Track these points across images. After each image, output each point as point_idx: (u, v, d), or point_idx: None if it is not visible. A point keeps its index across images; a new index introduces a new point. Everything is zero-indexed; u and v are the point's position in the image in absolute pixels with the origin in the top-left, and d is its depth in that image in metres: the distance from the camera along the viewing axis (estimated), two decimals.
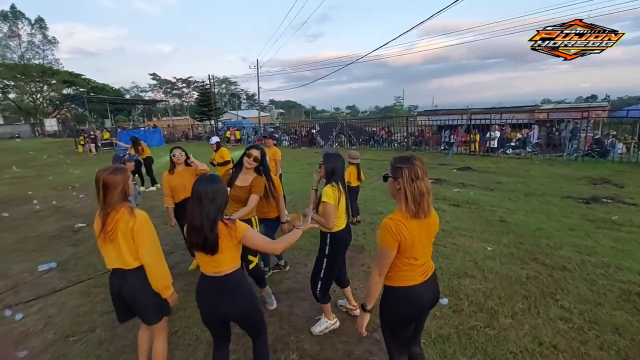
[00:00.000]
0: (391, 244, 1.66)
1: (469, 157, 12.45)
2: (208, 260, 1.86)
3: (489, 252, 4.21)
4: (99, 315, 3.31)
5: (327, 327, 2.87)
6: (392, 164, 1.74)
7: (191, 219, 1.82)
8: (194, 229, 1.81)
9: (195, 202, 1.81)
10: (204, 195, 1.80)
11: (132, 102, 42.04)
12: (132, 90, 66.54)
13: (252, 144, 19.01)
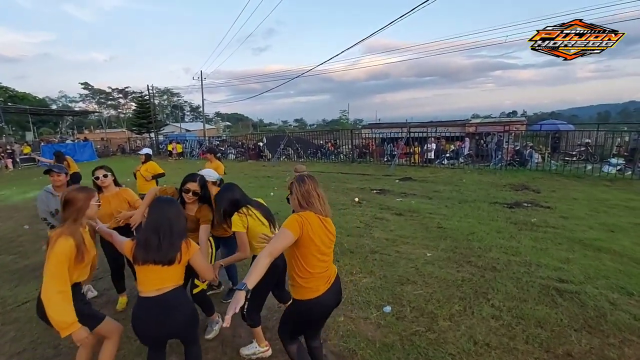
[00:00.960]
0: (293, 227, 1.80)
1: (410, 168, 13.21)
2: (154, 275, 1.89)
3: (429, 257, 4.43)
4: (7, 358, 2.84)
5: (256, 353, 2.70)
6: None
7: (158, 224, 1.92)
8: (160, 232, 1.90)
9: (158, 218, 1.95)
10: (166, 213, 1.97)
11: (59, 114, 38.00)
12: (60, 100, 60.40)
13: (196, 157, 17.82)
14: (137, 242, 1.92)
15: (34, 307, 3.61)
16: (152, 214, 2.00)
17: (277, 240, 1.78)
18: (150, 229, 1.93)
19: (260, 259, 1.68)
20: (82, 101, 59.12)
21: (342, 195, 8.54)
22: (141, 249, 1.89)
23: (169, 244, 1.90)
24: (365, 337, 2.88)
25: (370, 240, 5.10)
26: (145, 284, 1.91)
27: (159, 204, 2.04)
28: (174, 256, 1.91)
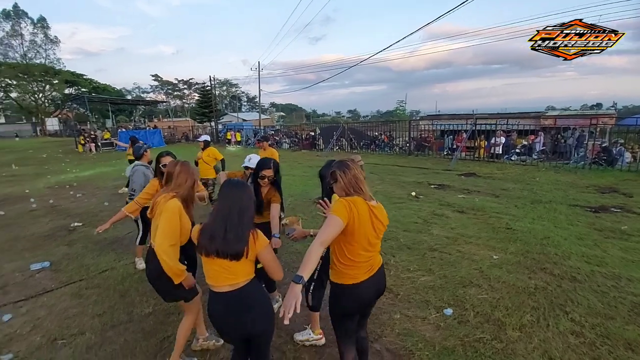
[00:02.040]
0: (342, 214, 1.69)
1: (473, 163, 12.33)
2: (223, 270, 1.77)
3: (495, 260, 4.07)
4: (90, 318, 3.18)
5: (309, 340, 2.71)
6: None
7: (227, 213, 1.78)
8: (228, 223, 1.75)
9: (226, 207, 1.80)
10: (238, 200, 1.81)
11: (133, 103, 41.96)
12: (134, 91, 66.61)
13: (252, 145, 18.49)
14: (202, 229, 1.79)
15: (113, 275, 4.07)
16: (222, 199, 1.83)
17: (327, 229, 1.66)
18: (219, 217, 1.78)
19: (313, 249, 1.59)
20: (153, 92, 64.59)
21: (398, 188, 8.24)
22: (206, 238, 1.76)
23: (236, 235, 1.73)
24: (423, 337, 2.72)
25: (429, 237, 4.83)
26: (212, 277, 1.80)
27: (230, 189, 1.87)
28: (240, 250, 1.73)
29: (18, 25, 43.00)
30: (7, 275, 4.14)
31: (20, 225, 6.18)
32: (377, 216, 1.83)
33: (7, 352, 2.72)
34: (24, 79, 42.50)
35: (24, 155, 19.92)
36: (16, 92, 45.02)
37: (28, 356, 2.69)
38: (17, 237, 5.54)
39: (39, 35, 44.55)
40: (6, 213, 7.05)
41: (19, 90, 44.41)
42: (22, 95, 44.95)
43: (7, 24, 42.54)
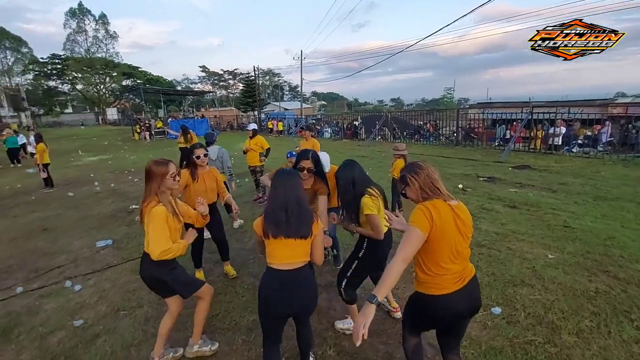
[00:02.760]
0: (422, 224, 1.57)
1: (528, 155, 11.46)
2: (286, 248, 1.85)
3: (551, 259, 3.79)
4: (147, 293, 3.44)
5: (350, 329, 2.72)
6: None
7: (285, 200, 1.86)
8: (288, 209, 1.84)
9: (289, 188, 1.89)
10: (292, 186, 1.90)
11: (183, 93, 44.22)
12: (183, 82, 70.05)
13: (293, 134, 18.65)
14: (265, 218, 1.87)
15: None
16: (277, 188, 1.91)
17: (407, 244, 1.54)
18: (278, 205, 1.86)
19: (394, 268, 1.50)
20: (200, 83, 67.50)
21: (443, 180, 7.81)
22: (271, 225, 1.83)
23: (298, 219, 1.84)
24: (468, 335, 2.62)
25: (477, 232, 4.61)
26: (275, 256, 1.87)
27: (282, 178, 1.94)
28: (306, 231, 1.85)
29: (82, 23, 46.89)
30: (77, 250, 4.61)
31: (88, 206, 6.84)
32: (461, 217, 1.66)
33: (78, 318, 3.05)
34: (87, 72, 46.55)
35: (89, 142, 21.90)
36: (81, 84, 49.52)
37: (96, 323, 2.99)
38: (85, 216, 6.15)
39: (100, 31, 48.43)
40: (75, 195, 7.83)
41: (83, 83, 48.82)
42: (86, 87, 49.34)
43: (73, 22, 46.53)
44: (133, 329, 2.88)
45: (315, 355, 2.48)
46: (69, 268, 4.10)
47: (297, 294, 1.89)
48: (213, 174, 3.51)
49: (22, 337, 2.84)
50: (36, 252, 4.61)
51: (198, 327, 2.50)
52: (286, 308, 1.90)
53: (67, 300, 3.38)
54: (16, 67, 45.13)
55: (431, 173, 1.72)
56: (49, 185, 8.47)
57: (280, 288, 1.86)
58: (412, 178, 1.72)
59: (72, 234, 5.25)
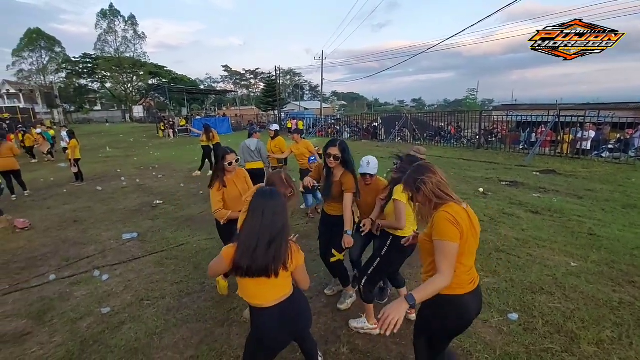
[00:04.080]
0: (453, 236, 1.54)
1: (554, 159, 11.08)
2: (270, 286, 1.66)
3: (573, 268, 3.69)
4: (169, 285, 3.61)
5: (364, 328, 2.74)
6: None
7: (250, 237, 1.59)
8: (256, 248, 1.57)
9: (258, 218, 1.61)
10: (272, 210, 1.62)
11: (206, 92, 45.19)
12: (206, 81, 71.65)
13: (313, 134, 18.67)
14: (237, 247, 1.62)
15: (188, 249, 4.54)
16: (254, 212, 1.63)
17: (448, 259, 1.51)
18: (248, 234, 1.61)
19: (440, 282, 1.47)
20: (222, 82, 68.97)
21: (463, 183, 7.80)
22: (240, 257, 1.59)
23: (271, 252, 1.59)
24: (483, 340, 2.61)
25: (496, 237, 4.53)
26: (256, 296, 1.69)
27: (260, 199, 1.66)
28: (275, 267, 1.60)
29: (113, 24, 48.74)
30: (105, 242, 4.85)
31: (115, 200, 7.15)
32: (472, 220, 1.65)
33: (105, 306, 3.23)
34: (116, 71, 48.38)
35: (116, 139, 22.77)
36: (110, 83, 51.55)
37: (121, 311, 3.16)
38: (112, 209, 6.44)
39: (129, 31, 50.10)
40: (104, 189, 8.20)
41: (112, 81, 50.79)
42: (115, 85, 51.30)
43: (104, 23, 48.45)
44: (156, 318, 3.02)
45: (328, 353, 2.54)
46: (98, 258, 4.33)
47: (297, 320, 1.79)
48: (242, 175, 3.30)
49: (54, 321, 3.04)
50: (67, 242, 4.88)
51: None
52: (288, 338, 1.82)
53: (95, 289, 3.58)
54: (50, 66, 47.41)
55: (440, 179, 1.66)
56: (80, 180, 8.90)
57: (278, 325, 1.71)
58: (427, 188, 1.63)
59: (100, 226, 5.52)
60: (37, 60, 46.43)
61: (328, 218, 3.02)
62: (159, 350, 2.63)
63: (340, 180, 2.79)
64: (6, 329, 2.94)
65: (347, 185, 2.74)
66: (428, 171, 1.67)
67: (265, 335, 1.73)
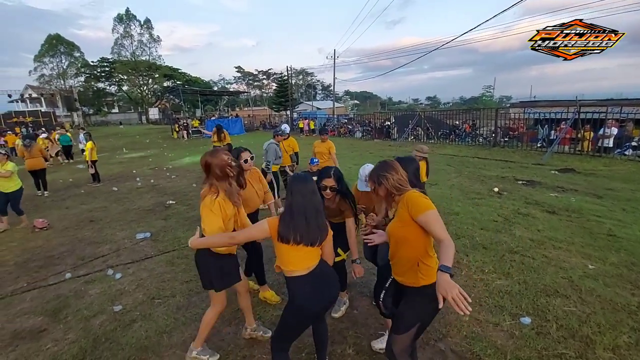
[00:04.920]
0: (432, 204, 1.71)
1: (573, 157, 10.73)
2: (301, 254, 1.89)
3: (590, 270, 3.56)
4: (180, 284, 3.66)
5: None
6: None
7: (304, 207, 1.87)
8: (307, 216, 1.86)
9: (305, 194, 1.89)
10: (309, 193, 1.91)
11: (219, 94, 45.77)
12: (219, 82, 72.55)
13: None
14: (284, 224, 1.85)
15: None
16: (294, 194, 1.90)
17: (441, 224, 1.65)
18: (297, 212, 1.86)
19: (450, 245, 1.56)
20: (235, 83, 69.62)
21: (477, 183, 7.64)
22: (291, 232, 1.83)
23: (316, 226, 1.88)
24: (494, 344, 2.54)
25: (510, 238, 4.42)
26: (293, 263, 1.90)
27: (298, 184, 1.93)
28: (323, 238, 1.92)
29: (129, 28, 49.90)
30: (119, 241, 4.97)
31: (130, 200, 7.32)
32: None
33: (118, 304, 3.30)
34: (132, 74, 49.58)
35: (133, 140, 23.32)
36: (127, 86, 52.85)
37: (133, 309, 3.22)
38: (127, 209, 6.59)
39: (144, 35, 51.18)
40: (119, 189, 8.40)
41: (129, 84, 52.04)
42: (131, 88, 52.55)
43: (120, 27, 49.68)
44: (166, 317, 3.07)
45: (334, 354, 2.52)
46: (112, 257, 4.43)
47: (330, 289, 2.00)
48: (256, 174, 3.28)
49: (69, 318, 3.12)
50: (84, 241, 5.02)
51: (202, 332, 2.46)
52: (326, 303, 1.99)
53: (108, 287, 3.66)
54: (70, 70, 48.92)
55: (402, 175, 1.85)
56: (97, 180, 9.15)
57: (315, 290, 1.91)
58: (386, 178, 1.82)
59: (115, 225, 5.66)
60: (57, 65, 47.97)
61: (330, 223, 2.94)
62: (167, 348, 2.67)
63: (338, 207, 2.66)
64: (24, 326, 3.05)
65: (347, 212, 2.63)
66: (390, 168, 1.85)
67: (305, 300, 1.91)
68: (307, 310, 1.93)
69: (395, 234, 1.83)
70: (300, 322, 1.99)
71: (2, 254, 4.72)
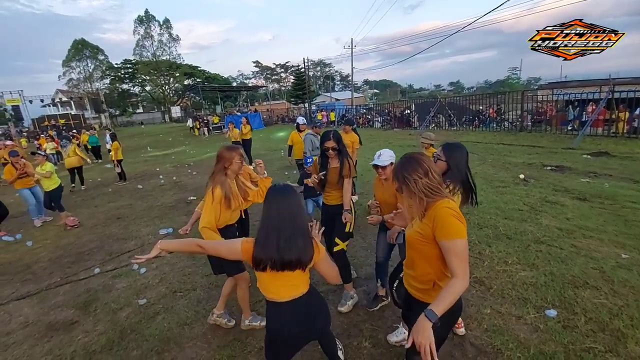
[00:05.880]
0: (464, 232, 1.43)
1: (607, 140, 10.11)
2: (282, 280, 1.62)
3: (624, 260, 3.35)
4: (200, 277, 3.76)
5: (405, 339, 2.61)
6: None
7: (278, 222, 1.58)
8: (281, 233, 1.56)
9: (274, 215, 1.60)
10: (286, 206, 1.61)
11: (238, 89, 46.38)
12: (238, 78, 73.30)
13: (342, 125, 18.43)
14: (256, 243, 1.60)
15: None
16: (270, 207, 1.62)
17: (463, 260, 1.39)
18: (270, 228, 1.58)
19: (459, 287, 1.35)
20: (254, 77, 70.11)
21: (502, 170, 7.36)
22: (260, 252, 1.57)
23: (292, 245, 1.56)
24: (516, 337, 2.45)
25: (536, 228, 4.23)
26: (272, 291, 1.67)
27: (276, 195, 1.65)
28: (303, 259, 1.58)
29: (149, 29, 51.16)
30: (143, 237, 5.15)
31: (153, 197, 7.57)
32: None
33: (142, 298, 3.43)
34: (154, 74, 50.92)
35: (156, 139, 24.04)
36: (149, 86, 54.36)
37: (157, 302, 3.34)
38: (151, 206, 6.82)
39: (164, 35, 52.34)
40: (143, 187, 8.71)
41: (151, 84, 53.52)
42: (154, 88, 54.03)
43: (141, 28, 51.00)
44: (187, 309, 3.17)
45: (350, 347, 2.52)
46: (137, 252, 4.60)
47: (313, 321, 1.74)
48: (246, 171, 3.33)
49: (98, 311, 3.28)
50: (111, 237, 5.24)
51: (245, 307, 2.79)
52: (304, 338, 1.80)
53: (134, 281, 3.81)
54: (95, 73, 50.96)
55: (433, 174, 1.50)
56: (123, 179, 9.51)
57: (291, 321, 1.67)
58: (414, 180, 1.48)
59: (140, 222, 5.87)
60: (84, 69, 50.06)
61: (329, 209, 3.08)
62: (189, 340, 2.75)
63: (340, 172, 2.89)
64: (57, 318, 3.23)
65: (345, 170, 2.86)
66: (418, 169, 1.50)
67: (279, 331, 1.69)
68: (282, 340, 1.71)
69: (412, 244, 1.60)
70: (277, 355, 1.76)
71: (37, 251, 5.01)
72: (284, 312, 1.67)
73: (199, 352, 2.60)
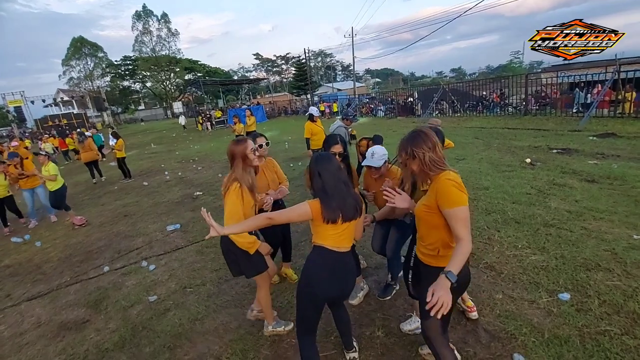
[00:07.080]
0: (466, 200, 1.55)
1: (614, 121, 9.92)
2: (342, 231, 1.84)
3: (636, 241, 3.29)
4: (209, 272, 3.77)
5: (419, 327, 2.59)
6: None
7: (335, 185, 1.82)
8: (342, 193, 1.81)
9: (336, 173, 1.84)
10: (336, 169, 1.87)
11: (239, 83, 46.04)
12: (239, 71, 72.92)
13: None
14: (325, 204, 1.78)
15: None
16: (323, 173, 1.84)
17: (465, 225, 1.51)
18: (331, 190, 1.80)
19: (465, 248, 1.46)
20: (255, 70, 69.69)
21: (508, 154, 7.26)
22: (332, 211, 1.77)
23: (352, 201, 1.83)
24: (529, 322, 2.43)
25: (545, 211, 4.18)
26: (330, 239, 1.85)
27: (324, 163, 1.87)
28: (359, 209, 1.87)
29: (147, 24, 50.83)
30: (151, 234, 5.17)
31: (159, 193, 7.58)
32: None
33: (152, 294, 3.45)
34: (154, 70, 50.78)
35: (160, 135, 24.07)
36: (150, 82, 54.27)
37: (166, 298, 3.36)
38: (157, 203, 6.84)
39: (163, 30, 52.09)
40: (149, 183, 8.73)
41: (152, 80, 53.41)
42: (155, 84, 53.94)
43: (139, 24, 50.68)
44: (197, 305, 3.18)
45: (363, 336, 2.51)
46: (145, 249, 4.63)
47: (346, 278, 1.93)
48: (272, 165, 3.14)
49: (109, 309, 3.31)
50: (119, 235, 5.27)
51: (267, 313, 2.63)
52: (335, 292, 1.91)
53: (143, 278, 3.83)
54: (96, 71, 50.92)
55: (439, 150, 1.62)
56: (128, 176, 9.55)
57: (331, 271, 1.86)
58: (422, 153, 1.59)
59: (147, 219, 5.90)
60: (84, 67, 50.01)
61: None
62: (200, 335, 2.76)
63: None
64: (69, 317, 3.26)
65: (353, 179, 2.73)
66: (426, 142, 1.61)
67: (311, 274, 1.88)
68: (320, 287, 1.87)
69: (420, 216, 1.73)
70: (311, 301, 1.91)
71: (47, 250, 5.06)
72: (327, 262, 1.85)
73: (211, 347, 2.61)
